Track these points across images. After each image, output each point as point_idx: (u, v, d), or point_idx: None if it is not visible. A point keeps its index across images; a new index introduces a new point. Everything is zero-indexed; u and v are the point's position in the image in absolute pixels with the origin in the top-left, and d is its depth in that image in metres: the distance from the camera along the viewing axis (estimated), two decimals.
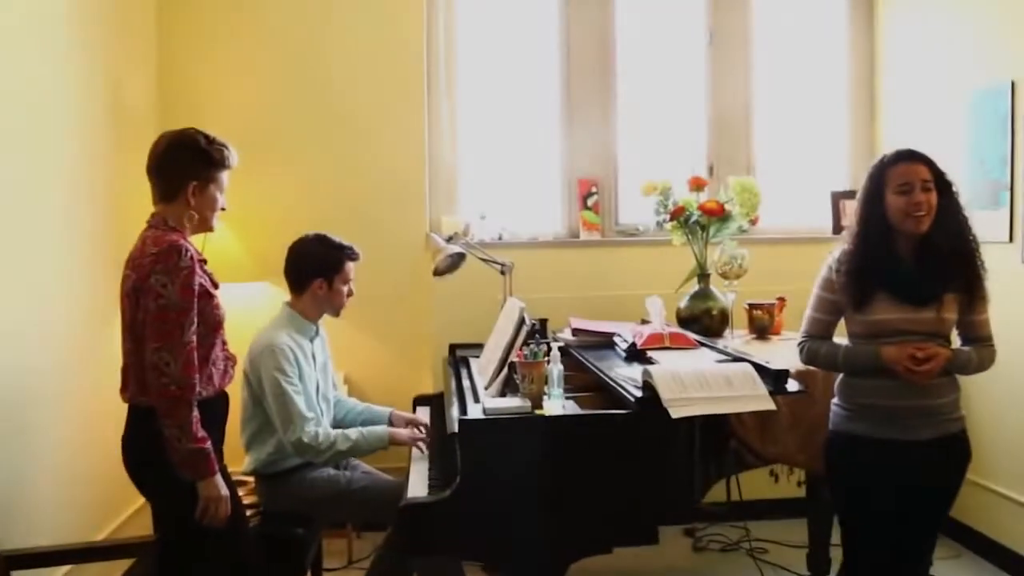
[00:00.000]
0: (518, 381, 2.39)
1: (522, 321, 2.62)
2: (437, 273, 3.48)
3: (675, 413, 2.12)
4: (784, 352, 3.15)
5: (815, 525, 3.29)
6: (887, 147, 4.74)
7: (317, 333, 3.02)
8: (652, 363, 2.68)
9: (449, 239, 3.54)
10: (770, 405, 2.18)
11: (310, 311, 2.97)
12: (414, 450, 2.91)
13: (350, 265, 2.98)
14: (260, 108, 4.09)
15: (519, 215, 4.34)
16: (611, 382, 2.40)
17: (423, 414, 3.42)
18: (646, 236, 4.28)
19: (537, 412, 2.22)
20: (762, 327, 3.45)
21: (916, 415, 2.40)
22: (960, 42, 3.98)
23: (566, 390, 2.42)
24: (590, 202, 4.35)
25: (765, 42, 4.56)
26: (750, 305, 3.48)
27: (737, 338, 3.42)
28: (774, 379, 2.27)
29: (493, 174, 4.37)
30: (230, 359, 2.36)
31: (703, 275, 3.58)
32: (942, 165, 2.46)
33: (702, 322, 3.48)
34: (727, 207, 3.50)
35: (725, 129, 4.51)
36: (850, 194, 4.59)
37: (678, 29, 4.51)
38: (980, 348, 2.49)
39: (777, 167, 4.56)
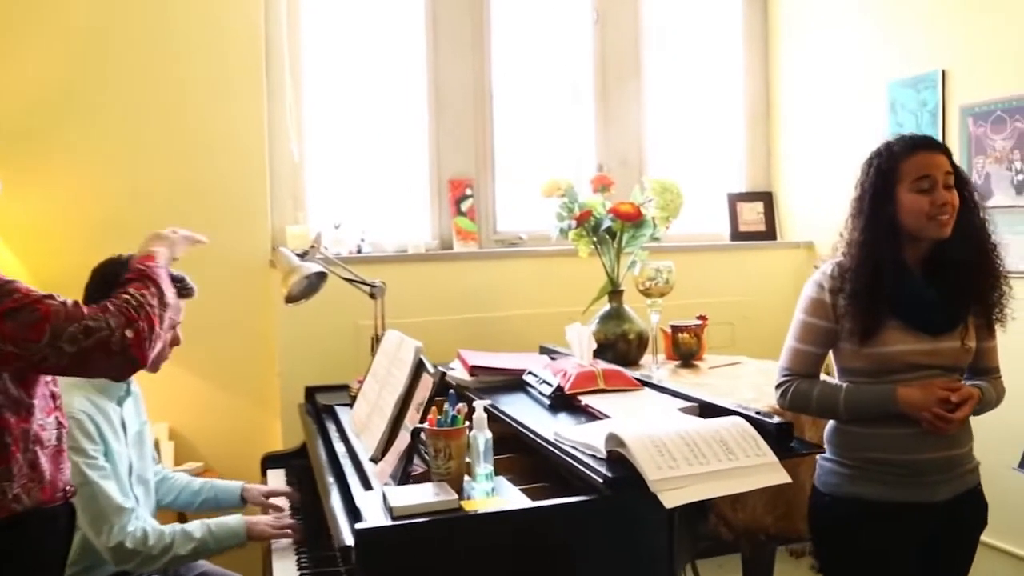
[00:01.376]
0: (427, 457, 1.68)
1: (420, 368, 1.92)
2: (291, 299, 2.70)
3: (669, 501, 1.48)
4: (721, 383, 2.59)
5: None
6: (786, 146, 4.49)
7: (128, 392, 2.19)
8: (589, 412, 2.04)
9: (304, 255, 2.77)
10: (786, 478, 1.58)
11: None
12: (274, 545, 2.15)
13: (180, 302, 2.17)
14: (45, 92, 3.14)
15: (381, 222, 3.61)
16: (558, 454, 1.73)
17: (276, 480, 2.64)
18: (535, 246, 3.66)
19: (466, 507, 1.52)
20: (689, 352, 2.90)
21: (938, 470, 1.89)
22: (874, 33, 3.61)
23: None
24: (464, 206, 3.68)
25: (656, 27, 4.06)
26: (673, 327, 2.92)
27: (662, 367, 2.84)
28: (776, 436, 1.68)
29: (348, 174, 3.62)
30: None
31: (615, 292, 2.98)
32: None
33: (617, 348, 2.88)
34: (643, 211, 2.92)
35: (615, 123, 3.96)
36: (747, 196, 4.19)
37: (561, 7, 3.92)
38: (993, 381, 2.01)
39: (670, 166, 4.06)
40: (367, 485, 1.81)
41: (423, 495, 1.54)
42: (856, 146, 3.76)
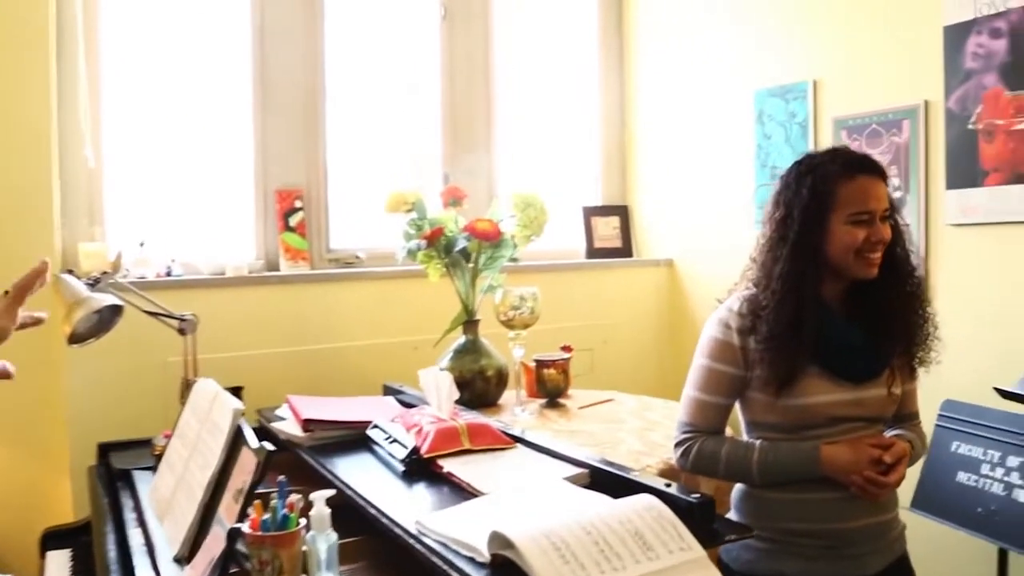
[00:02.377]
0: (249, 568, 1.25)
1: (240, 439, 1.48)
2: (76, 339, 2.16)
3: None
4: (599, 430, 2.28)
5: None
6: (643, 157, 4.26)
7: None
8: (454, 483, 1.66)
9: (95, 283, 2.24)
10: (716, 573, 1.26)
11: None
12: None
13: None
14: None
15: (195, 240, 3.09)
16: (426, 553, 1.34)
17: (58, 568, 2.10)
18: (376, 266, 3.24)
19: None
20: (556, 390, 2.57)
21: (867, 539, 1.64)
22: (740, 40, 3.43)
23: None
24: (293, 221, 3.21)
25: (508, 28, 3.73)
26: (538, 362, 2.58)
27: (526, 408, 2.50)
28: (699, 518, 1.36)
29: (156, 184, 3.07)
30: None
31: (471, 322, 2.61)
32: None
33: (474, 387, 2.52)
34: (502, 229, 2.57)
35: (463, 130, 3.60)
36: (603, 210, 3.94)
37: (405, 2, 3.53)
38: (914, 428, 1.79)
39: (522, 177, 3.74)
40: None
41: None
42: (720, 158, 3.62)
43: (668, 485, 1.47)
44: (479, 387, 2.51)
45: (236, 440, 1.51)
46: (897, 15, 2.87)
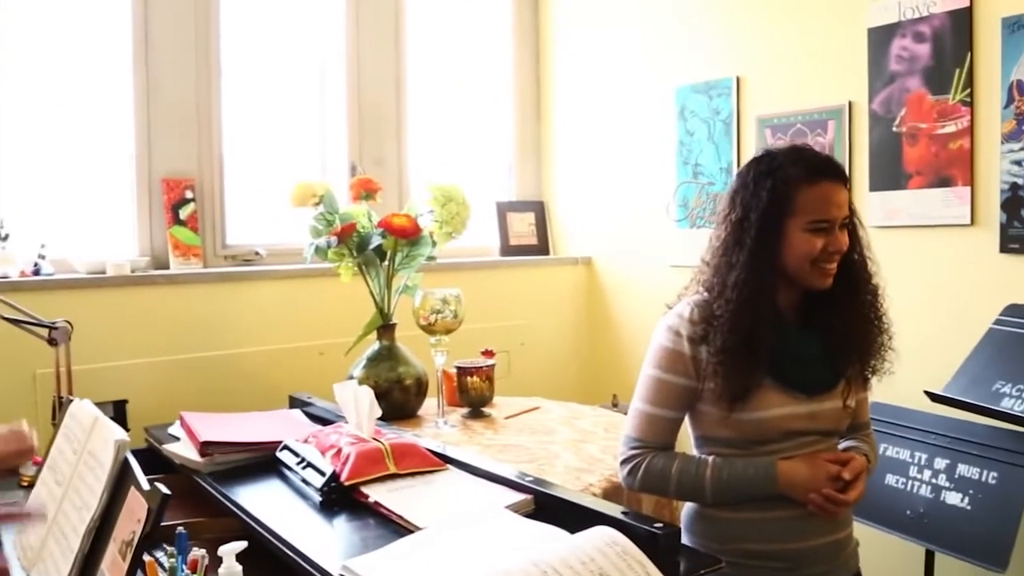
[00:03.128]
0: None
1: (126, 477, 1.23)
2: None
3: None
4: (531, 444, 2.09)
5: None
6: (560, 151, 4.05)
7: None
8: (382, 514, 1.45)
9: None
10: None
11: None
12: None
13: None
14: None
15: (69, 232, 2.75)
16: None
17: None
18: (277, 264, 2.97)
19: None
20: (480, 399, 2.37)
21: (823, 559, 1.54)
22: (662, 35, 3.30)
23: None
24: (183, 213, 2.91)
25: (420, 7, 3.51)
26: (460, 369, 2.38)
27: (448, 418, 2.29)
28: (666, 548, 1.19)
29: (23, 166, 2.72)
30: None
31: (386, 327, 2.39)
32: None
33: (391, 397, 2.30)
34: (421, 225, 2.35)
35: (370, 114, 3.35)
36: (518, 206, 3.77)
37: None
38: (867, 438, 1.68)
39: (434, 167, 3.53)
40: None
41: None
42: (640, 154, 3.49)
43: (626, 513, 1.29)
44: (397, 397, 2.29)
45: (122, 478, 1.25)
46: (823, 15, 2.79)
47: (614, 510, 1.31)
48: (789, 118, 2.86)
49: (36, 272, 2.57)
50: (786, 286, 1.54)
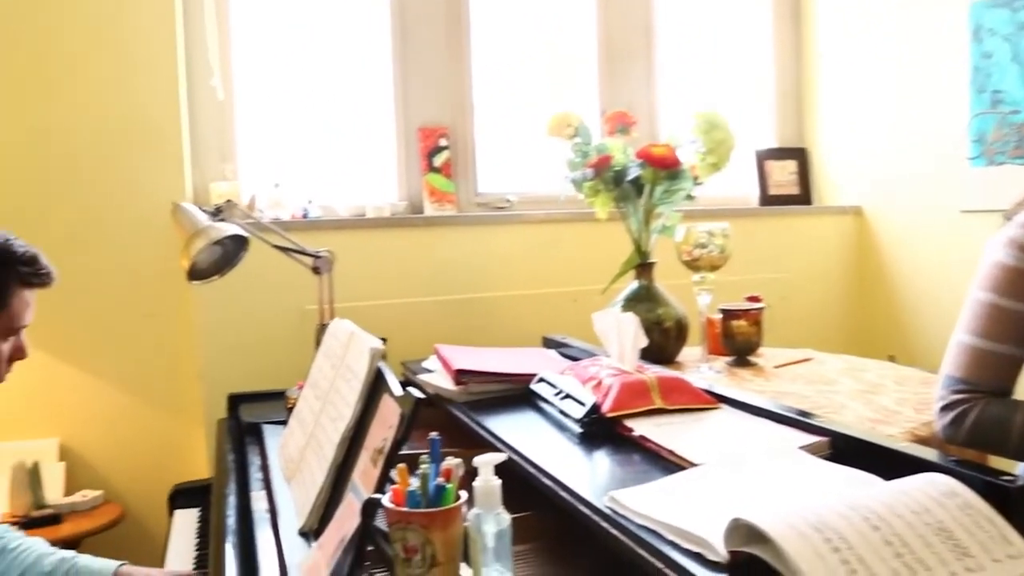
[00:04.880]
0: (391, 554, 0.93)
1: (380, 385, 1.16)
2: (197, 275, 1.91)
3: None
4: (813, 393, 1.86)
5: None
6: (824, 93, 3.65)
7: None
8: (648, 449, 1.30)
9: (216, 212, 1.98)
10: None
11: None
12: None
13: (24, 296, 1.40)
14: None
15: (333, 181, 2.83)
16: (626, 541, 0.98)
17: (185, 525, 1.87)
18: (529, 210, 2.90)
19: None
20: (746, 346, 2.16)
21: None
22: None
23: None
24: (438, 161, 2.91)
25: None
26: (725, 312, 2.18)
27: (712, 366, 2.10)
28: (1022, 506, 0.94)
29: (291, 119, 2.82)
30: None
31: (644, 265, 2.23)
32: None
33: (649, 340, 2.13)
34: (681, 156, 2.17)
35: (620, 61, 3.20)
36: (778, 153, 3.47)
37: None
38: None
39: (683, 116, 3.30)
40: None
41: None
42: (922, 87, 3.08)
43: (956, 461, 1.05)
44: (656, 340, 2.12)
45: (375, 387, 1.19)
46: None
47: (939, 458, 1.07)
48: None
49: (304, 216, 2.66)
50: None
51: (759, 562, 0.83)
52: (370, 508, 0.94)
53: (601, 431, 1.41)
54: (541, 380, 1.66)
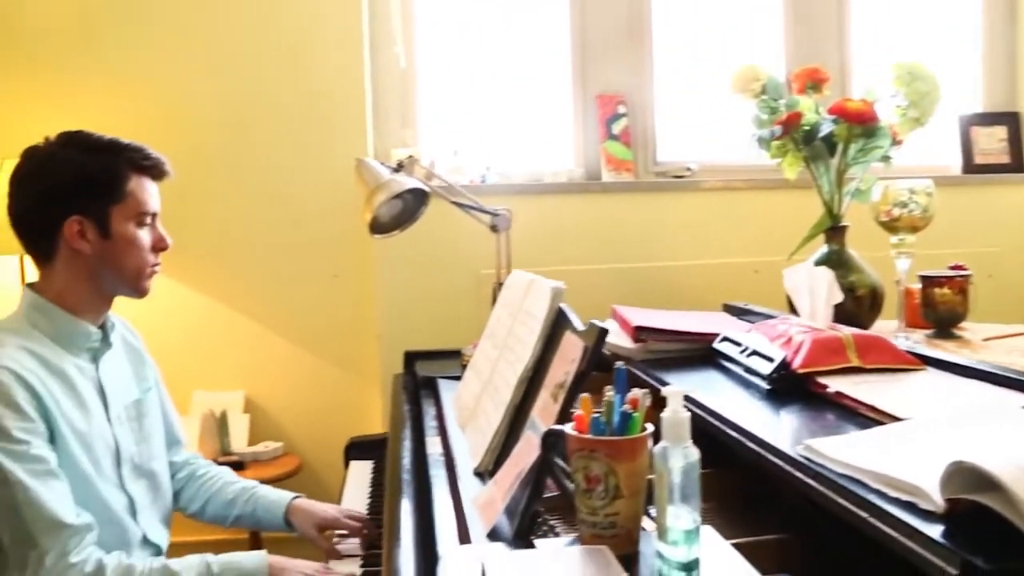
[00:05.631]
0: (570, 485, 0.89)
1: (561, 323, 1.13)
2: (379, 228, 1.95)
3: None
4: None
5: None
6: None
7: (106, 340, 1.46)
8: (844, 406, 1.20)
9: (398, 167, 2.02)
10: None
11: (76, 293, 1.40)
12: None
13: (141, 183, 1.43)
14: None
15: (511, 149, 2.84)
16: (822, 489, 0.90)
17: (360, 476, 1.93)
18: (712, 178, 2.80)
19: None
20: (950, 316, 1.98)
21: None
22: None
23: None
24: (616, 128, 2.85)
25: None
26: (925, 280, 2.01)
27: (910, 337, 1.95)
28: None
29: (470, 87, 2.85)
30: None
31: (836, 228, 2.09)
32: None
33: (842, 308, 1.99)
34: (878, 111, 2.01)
35: (808, 19, 3.03)
36: (986, 119, 3.19)
37: None
38: None
39: (876, 79, 3.09)
40: (462, 523, 1.04)
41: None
42: None
43: None
44: (847, 309, 1.97)
45: (555, 327, 1.16)
46: None
47: None
48: None
49: (482, 181, 2.68)
50: None
51: (982, 510, 0.74)
52: (551, 439, 0.91)
53: (791, 387, 1.32)
54: (725, 339, 1.58)
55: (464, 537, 1.00)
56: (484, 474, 1.17)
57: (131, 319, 1.61)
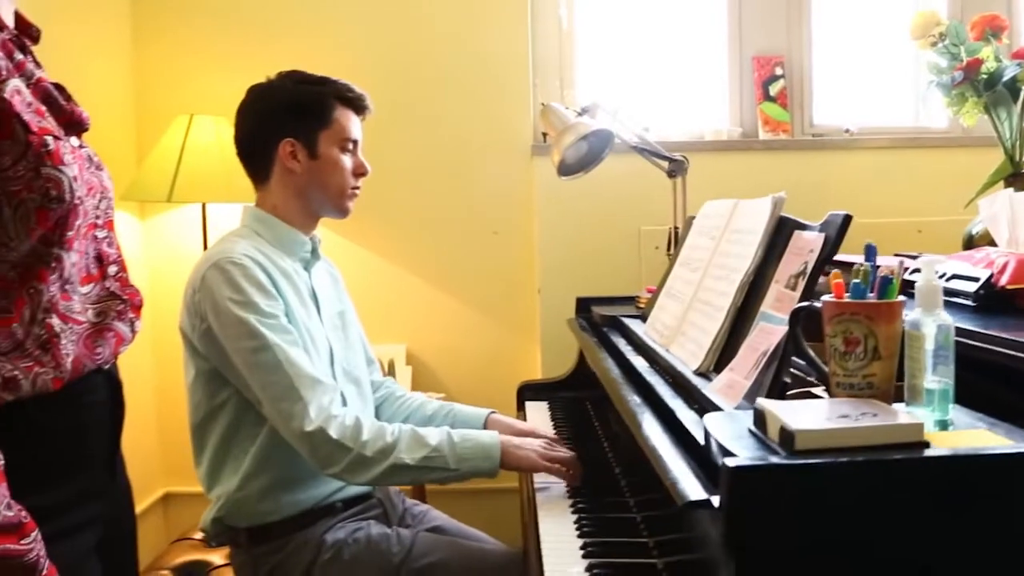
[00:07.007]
0: (826, 366, 0.95)
1: (785, 225, 1.19)
2: (567, 170, 2.05)
3: None
4: None
5: None
6: None
7: (315, 253, 1.63)
8: None
9: (582, 111, 2.11)
10: None
11: (289, 207, 1.59)
12: (538, 486, 1.52)
13: (345, 113, 1.60)
14: None
15: (668, 110, 2.89)
16: None
17: (538, 415, 2.03)
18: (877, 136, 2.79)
19: (934, 441, 0.79)
20: None
21: None
22: None
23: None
24: (773, 90, 2.87)
25: None
26: None
27: None
28: None
29: (628, 49, 2.91)
30: (117, 301, 1.03)
31: (1017, 175, 2.07)
32: None
33: None
34: None
35: None
36: None
37: None
38: None
39: None
40: (695, 404, 1.11)
41: (844, 415, 0.81)
42: None
43: None
44: None
45: (780, 229, 1.22)
46: None
47: None
48: None
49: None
50: None
51: None
52: (799, 314, 0.97)
53: (998, 304, 1.34)
54: (915, 270, 1.60)
55: (703, 411, 1.07)
56: (704, 371, 1.24)
57: None
